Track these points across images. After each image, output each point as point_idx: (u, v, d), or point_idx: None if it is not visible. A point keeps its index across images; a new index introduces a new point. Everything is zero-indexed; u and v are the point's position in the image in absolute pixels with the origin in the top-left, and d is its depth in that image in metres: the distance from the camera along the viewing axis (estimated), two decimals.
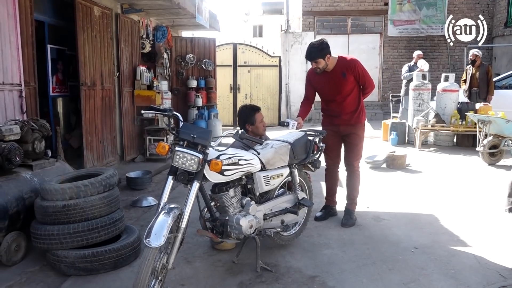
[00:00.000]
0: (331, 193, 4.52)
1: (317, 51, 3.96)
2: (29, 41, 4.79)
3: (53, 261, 3.22)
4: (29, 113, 4.67)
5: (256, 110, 3.97)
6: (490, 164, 6.96)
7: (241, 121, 3.97)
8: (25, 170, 3.81)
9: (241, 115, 3.98)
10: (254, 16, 31.91)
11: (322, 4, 13.70)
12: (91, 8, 6.17)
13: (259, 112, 3.98)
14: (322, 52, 3.96)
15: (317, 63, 4.00)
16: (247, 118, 3.93)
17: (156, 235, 2.42)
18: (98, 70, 6.37)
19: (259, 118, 3.95)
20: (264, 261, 3.36)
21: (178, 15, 8.54)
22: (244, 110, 3.99)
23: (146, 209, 4.93)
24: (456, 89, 8.68)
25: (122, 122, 7.21)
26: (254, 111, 3.94)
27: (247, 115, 3.93)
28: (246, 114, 3.94)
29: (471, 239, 3.88)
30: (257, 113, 3.94)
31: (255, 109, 3.98)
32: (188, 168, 2.68)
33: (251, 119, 3.91)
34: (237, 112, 4.09)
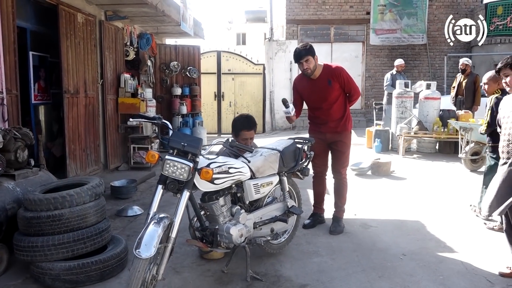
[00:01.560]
0: (319, 200, 4.53)
1: (306, 49, 4.00)
2: (11, 48, 4.68)
3: (37, 274, 3.13)
4: (11, 121, 4.55)
5: (244, 128, 3.69)
6: (472, 171, 7.08)
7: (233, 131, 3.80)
8: (7, 180, 3.70)
9: (234, 124, 3.78)
10: (238, 24, 32.03)
11: (306, 12, 13.84)
12: (75, 15, 6.08)
13: (248, 130, 3.69)
14: (310, 50, 4.00)
15: (308, 62, 4.00)
16: (234, 129, 3.74)
17: (147, 245, 2.37)
18: (82, 77, 6.27)
19: (244, 136, 3.68)
20: (254, 270, 3.33)
21: (163, 23, 8.50)
22: (237, 120, 3.80)
23: (132, 219, 4.85)
24: (438, 97, 8.83)
25: (106, 130, 7.10)
26: (242, 128, 3.69)
27: (236, 128, 3.72)
28: (234, 126, 3.76)
29: (458, 245, 3.93)
30: (243, 131, 3.67)
31: (244, 126, 3.71)
32: (179, 177, 2.64)
33: (237, 132, 3.70)
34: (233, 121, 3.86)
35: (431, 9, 13.48)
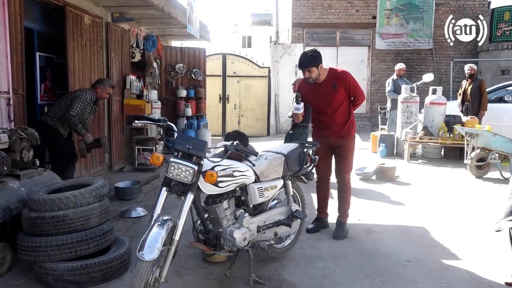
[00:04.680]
0: (322, 205, 4.50)
1: (310, 59, 3.97)
2: (18, 48, 4.72)
3: (40, 274, 3.13)
4: (16, 121, 4.57)
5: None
6: (478, 177, 7.04)
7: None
8: (12, 180, 3.71)
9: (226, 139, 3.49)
10: (243, 27, 32.06)
11: (311, 16, 13.84)
12: (82, 16, 6.12)
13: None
14: (315, 61, 3.96)
15: (310, 72, 3.99)
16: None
17: (150, 248, 2.36)
18: (88, 78, 6.30)
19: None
20: (257, 274, 3.31)
21: (169, 25, 8.53)
22: (230, 136, 3.60)
23: (135, 220, 4.85)
24: (444, 102, 8.79)
25: (111, 131, 7.12)
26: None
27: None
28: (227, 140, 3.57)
29: (462, 253, 3.90)
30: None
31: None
32: (183, 179, 2.64)
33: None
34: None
35: (437, 13, 13.43)
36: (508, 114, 9.16)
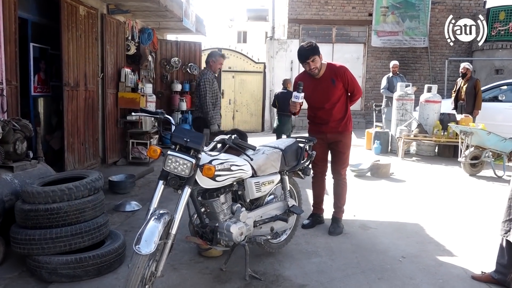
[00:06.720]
0: (318, 201, 4.50)
1: (311, 49, 3.92)
2: (12, 38, 4.63)
3: (34, 267, 3.09)
4: (10, 112, 4.50)
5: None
6: (471, 175, 7.07)
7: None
8: (6, 172, 3.66)
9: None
10: (239, 22, 31.90)
11: (308, 12, 13.81)
12: (77, 7, 6.03)
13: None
14: (316, 50, 3.93)
15: (315, 61, 3.93)
16: None
17: (147, 241, 2.33)
18: (82, 70, 6.22)
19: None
20: (253, 269, 3.30)
21: (165, 18, 8.45)
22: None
23: (130, 214, 4.81)
24: (439, 100, 8.82)
25: (105, 124, 7.05)
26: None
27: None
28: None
29: (457, 249, 3.91)
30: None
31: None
32: (180, 173, 2.60)
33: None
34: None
35: (433, 12, 13.48)
36: (502, 113, 9.22)
